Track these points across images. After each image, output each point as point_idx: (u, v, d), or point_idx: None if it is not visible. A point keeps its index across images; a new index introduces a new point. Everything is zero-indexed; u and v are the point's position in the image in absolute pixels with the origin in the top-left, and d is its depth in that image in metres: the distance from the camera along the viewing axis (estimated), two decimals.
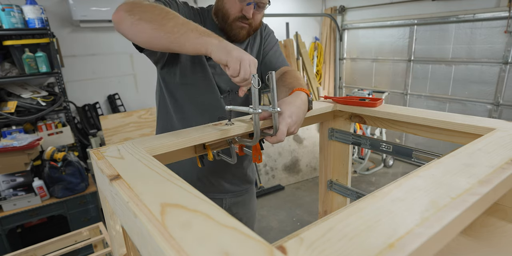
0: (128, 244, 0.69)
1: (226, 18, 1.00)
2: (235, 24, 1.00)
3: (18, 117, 2.46)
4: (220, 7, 1.01)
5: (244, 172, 1.22)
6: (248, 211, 1.30)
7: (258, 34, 1.16)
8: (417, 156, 0.82)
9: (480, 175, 0.44)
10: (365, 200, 0.39)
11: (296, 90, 0.87)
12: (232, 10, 0.98)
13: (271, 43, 1.19)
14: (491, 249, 0.53)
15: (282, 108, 0.78)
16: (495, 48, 3.30)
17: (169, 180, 0.46)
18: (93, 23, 2.94)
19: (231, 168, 1.16)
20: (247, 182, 1.25)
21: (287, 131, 0.76)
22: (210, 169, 1.12)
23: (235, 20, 0.99)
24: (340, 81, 5.01)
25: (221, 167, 1.13)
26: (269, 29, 1.21)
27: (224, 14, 1.00)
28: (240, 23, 1.00)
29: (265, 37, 1.18)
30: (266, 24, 1.21)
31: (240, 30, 1.01)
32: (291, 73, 1.06)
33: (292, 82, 0.98)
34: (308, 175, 3.90)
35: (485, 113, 3.50)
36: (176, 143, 0.68)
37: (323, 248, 0.30)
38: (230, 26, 1.01)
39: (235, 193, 1.22)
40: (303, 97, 0.84)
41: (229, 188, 1.20)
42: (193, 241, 0.31)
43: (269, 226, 2.97)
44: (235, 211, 1.25)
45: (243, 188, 1.24)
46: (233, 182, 1.20)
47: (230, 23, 1.00)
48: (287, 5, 4.44)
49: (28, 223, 2.57)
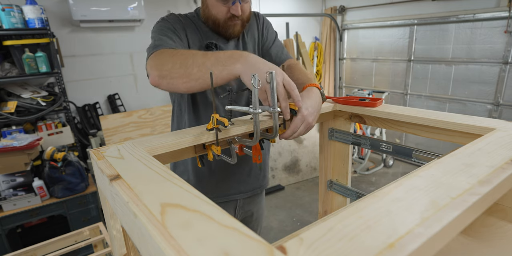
0: (128, 244, 0.69)
1: (217, 22, 1.02)
2: (227, 25, 1.02)
3: (18, 117, 2.46)
4: (208, 15, 1.03)
5: (259, 171, 1.24)
6: (260, 208, 1.33)
7: (254, 26, 1.16)
8: (417, 156, 0.82)
9: (480, 175, 0.44)
10: (365, 200, 0.39)
11: (307, 86, 0.90)
12: (220, 14, 1.00)
13: (272, 35, 1.20)
14: (491, 249, 0.53)
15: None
16: (495, 48, 3.30)
17: (169, 180, 0.46)
18: (93, 23, 2.94)
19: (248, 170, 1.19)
20: (263, 180, 1.29)
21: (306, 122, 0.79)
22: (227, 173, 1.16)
23: (226, 22, 1.02)
24: (340, 81, 5.01)
25: (239, 170, 1.17)
26: (267, 22, 1.21)
27: (214, 20, 1.02)
28: (232, 22, 1.02)
29: (264, 30, 1.18)
30: (262, 16, 1.20)
31: (234, 27, 1.04)
32: (297, 67, 1.08)
33: (300, 77, 0.99)
34: (308, 175, 3.90)
35: (485, 113, 3.50)
36: (176, 143, 0.68)
37: (323, 248, 0.30)
38: (224, 28, 1.03)
39: (250, 192, 1.25)
40: (316, 92, 0.87)
41: (245, 189, 1.22)
42: (193, 241, 0.31)
43: (269, 226, 2.97)
44: (247, 208, 1.27)
45: (259, 185, 1.27)
46: (249, 183, 1.22)
47: (223, 25, 1.03)
48: (287, 5, 4.44)
49: (28, 223, 2.57)
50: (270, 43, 1.18)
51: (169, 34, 0.96)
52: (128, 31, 3.27)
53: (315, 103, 0.83)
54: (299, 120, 0.79)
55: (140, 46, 3.34)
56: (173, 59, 0.78)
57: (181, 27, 1.02)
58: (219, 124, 0.69)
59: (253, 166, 1.20)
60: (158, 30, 0.97)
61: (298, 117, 0.79)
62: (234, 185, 1.19)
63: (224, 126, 0.69)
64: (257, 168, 1.22)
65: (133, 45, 3.32)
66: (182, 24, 1.03)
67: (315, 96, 0.85)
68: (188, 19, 1.07)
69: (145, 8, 3.06)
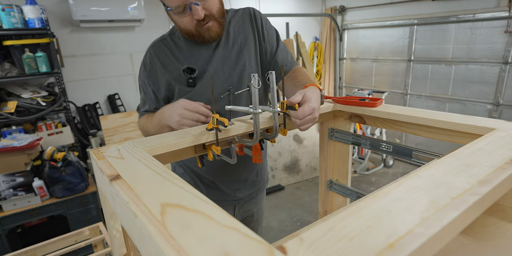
0: (128, 244, 0.69)
1: (191, 33, 1.00)
2: (200, 32, 0.99)
3: (18, 117, 2.46)
4: (180, 29, 1.02)
5: (258, 173, 1.25)
6: (260, 208, 1.34)
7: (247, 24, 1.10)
8: (417, 156, 0.82)
9: (480, 175, 0.44)
10: (365, 200, 0.39)
11: (309, 85, 0.90)
12: (188, 25, 0.98)
13: (273, 37, 1.14)
14: (491, 249, 0.53)
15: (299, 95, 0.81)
16: (495, 48, 3.29)
17: (169, 180, 0.46)
18: (93, 23, 2.94)
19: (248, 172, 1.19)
20: (263, 181, 1.29)
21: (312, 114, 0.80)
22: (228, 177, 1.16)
23: (197, 30, 0.98)
24: (340, 81, 5.01)
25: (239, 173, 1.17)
26: (265, 20, 1.13)
27: (187, 32, 1.00)
28: (202, 27, 0.98)
29: (264, 30, 1.11)
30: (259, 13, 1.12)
31: (209, 31, 0.99)
32: (301, 70, 1.08)
33: (303, 79, 1.01)
34: (308, 175, 3.90)
35: (485, 113, 3.50)
36: (176, 143, 0.68)
37: (323, 248, 0.30)
38: (199, 36, 1.00)
39: (251, 194, 1.25)
40: (317, 91, 0.87)
41: (246, 192, 1.23)
42: (193, 241, 0.31)
43: (269, 226, 2.97)
44: (247, 208, 1.28)
45: (259, 187, 1.27)
46: (249, 185, 1.23)
47: (197, 35, 1.00)
48: (287, 5, 4.44)
49: (28, 223, 2.57)
50: (273, 47, 1.13)
51: (146, 90, 1.11)
52: (128, 31, 3.27)
53: (318, 101, 0.84)
54: (309, 109, 0.78)
55: (140, 46, 3.34)
56: (145, 129, 1.07)
57: (154, 75, 1.07)
58: (219, 124, 0.69)
59: (249, 175, 1.20)
60: (140, 84, 1.13)
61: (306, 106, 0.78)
62: (231, 193, 1.20)
63: (224, 126, 0.69)
64: (254, 175, 1.22)
65: (133, 45, 3.32)
66: (154, 70, 1.06)
67: (318, 95, 0.86)
68: (163, 49, 1.06)
69: (145, 8, 3.06)
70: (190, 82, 1.04)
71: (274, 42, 1.14)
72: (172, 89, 1.07)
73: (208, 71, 1.05)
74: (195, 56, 1.06)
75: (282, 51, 1.14)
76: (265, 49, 1.12)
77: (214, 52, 1.07)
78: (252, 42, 1.10)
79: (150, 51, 1.08)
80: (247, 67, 1.08)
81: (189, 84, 1.04)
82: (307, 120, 0.80)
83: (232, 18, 1.11)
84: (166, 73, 1.05)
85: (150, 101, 1.11)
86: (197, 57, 1.06)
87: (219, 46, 1.07)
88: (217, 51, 1.07)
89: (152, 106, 1.11)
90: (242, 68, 1.08)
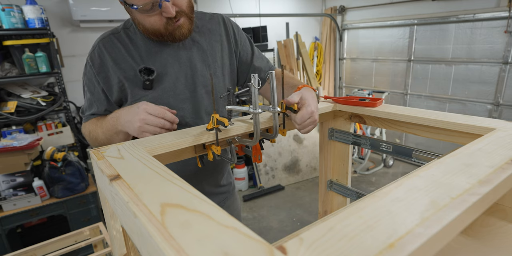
0: (128, 244, 0.69)
1: (159, 33, 0.90)
2: (169, 30, 0.89)
3: (18, 117, 2.46)
4: (145, 29, 0.90)
5: (218, 178, 1.16)
6: (234, 211, 1.27)
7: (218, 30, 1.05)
8: (417, 156, 0.82)
9: (480, 175, 0.44)
10: (365, 200, 0.39)
11: (302, 86, 0.88)
12: (156, 25, 0.87)
13: (246, 45, 1.10)
14: (491, 249, 0.53)
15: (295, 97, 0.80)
16: (495, 48, 3.30)
17: (169, 180, 0.46)
18: (93, 23, 2.94)
19: (207, 179, 1.11)
20: (225, 188, 1.20)
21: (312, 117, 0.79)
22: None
23: (166, 28, 0.89)
24: (340, 81, 5.01)
25: (200, 184, 1.09)
26: (237, 28, 1.09)
27: (153, 32, 0.90)
28: (173, 25, 0.88)
29: (237, 37, 1.08)
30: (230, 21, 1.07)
31: (180, 29, 0.90)
32: (286, 74, 1.03)
33: (290, 81, 1.00)
34: (308, 175, 3.90)
35: (485, 113, 3.51)
36: (176, 143, 0.68)
37: (323, 248, 0.30)
38: (169, 35, 0.91)
39: (219, 203, 1.17)
40: (313, 92, 0.87)
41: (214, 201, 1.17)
42: (193, 241, 0.31)
43: (269, 226, 2.97)
44: None
45: (226, 196, 1.21)
46: (212, 193, 1.15)
47: (166, 34, 0.90)
48: (287, 5, 4.44)
49: (28, 223, 2.57)
50: (248, 54, 1.09)
51: (93, 89, 0.98)
52: None
53: (316, 102, 0.83)
54: (307, 113, 0.78)
55: None
56: (93, 138, 0.97)
57: (104, 72, 0.94)
58: (219, 124, 0.69)
59: (205, 185, 1.11)
60: (85, 83, 1.00)
61: (305, 111, 0.78)
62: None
63: (224, 126, 0.69)
64: (215, 176, 1.13)
65: None
66: (104, 66, 0.94)
67: (314, 96, 0.85)
68: (115, 44, 0.94)
69: None
70: (147, 84, 0.93)
71: (249, 49, 1.10)
72: (125, 91, 0.95)
73: (169, 73, 0.96)
74: (155, 56, 0.95)
75: (258, 58, 1.12)
76: (239, 57, 1.08)
77: (177, 53, 0.97)
78: (220, 48, 1.04)
79: (98, 44, 0.94)
80: (213, 74, 1.01)
81: (145, 86, 0.93)
82: (307, 124, 0.80)
83: (199, 20, 1.03)
84: (118, 71, 0.93)
85: (98, 102, 0.98)
86: (156, 57, 0.95)
87: (184, 47, 0.98)
88: (181, 53, 0.97)
89: (102, 108, 0.98)
90: (204, 73, 1.00)
